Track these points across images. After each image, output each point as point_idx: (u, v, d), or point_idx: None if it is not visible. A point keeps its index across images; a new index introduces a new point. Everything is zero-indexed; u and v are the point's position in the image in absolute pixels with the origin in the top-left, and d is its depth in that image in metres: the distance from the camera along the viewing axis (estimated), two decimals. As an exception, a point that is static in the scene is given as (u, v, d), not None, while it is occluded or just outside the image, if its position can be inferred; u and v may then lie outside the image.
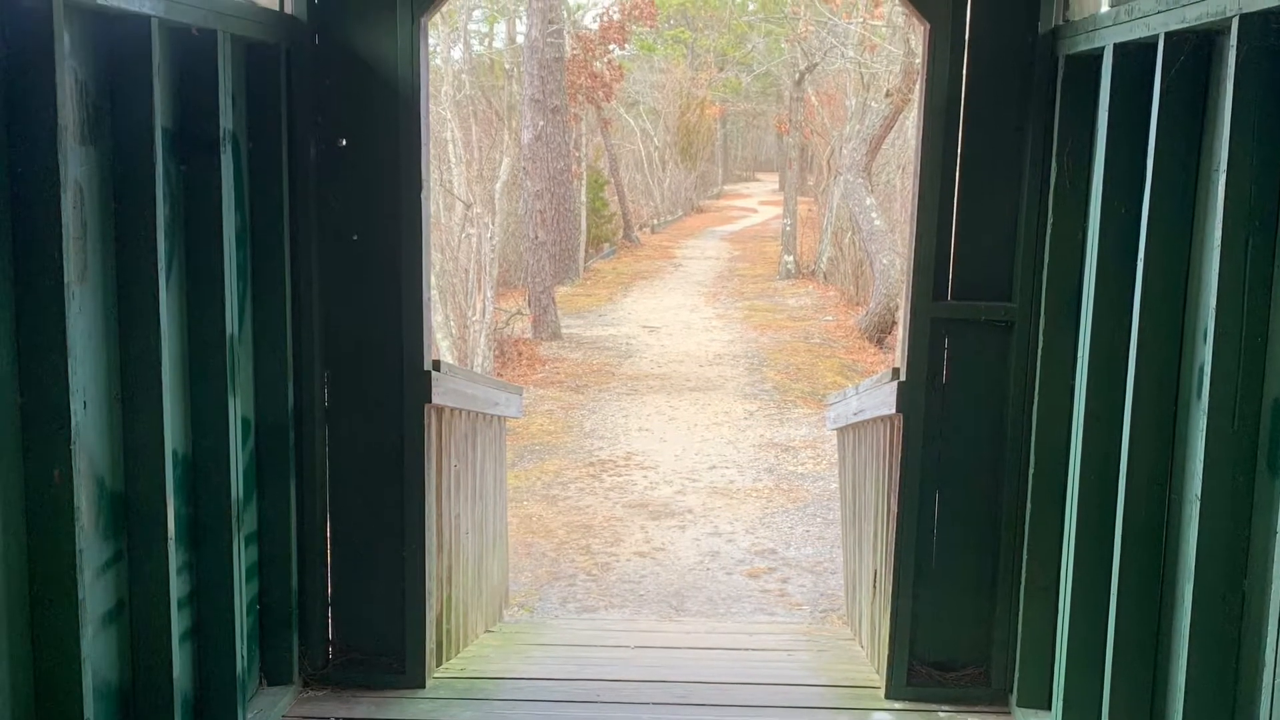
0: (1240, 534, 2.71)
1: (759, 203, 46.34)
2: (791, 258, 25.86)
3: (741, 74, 37.75)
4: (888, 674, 4.11)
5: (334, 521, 4.07)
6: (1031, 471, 3.75)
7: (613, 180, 31.90)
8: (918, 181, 3.84)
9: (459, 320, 16.00)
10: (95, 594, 2.89)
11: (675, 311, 21.18)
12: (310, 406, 3.93)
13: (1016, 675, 3.89)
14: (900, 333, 4.22)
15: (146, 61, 2.90)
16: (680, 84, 38.49)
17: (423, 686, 4.14)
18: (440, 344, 14.86)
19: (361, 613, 4.11)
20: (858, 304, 21.00)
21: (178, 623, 3.18)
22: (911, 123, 17.28)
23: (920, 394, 3.92)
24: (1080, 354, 3.44)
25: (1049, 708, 3.76)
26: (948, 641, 4.06)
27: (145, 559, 3.08)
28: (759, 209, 43.82)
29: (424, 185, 3.89)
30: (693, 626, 7.01)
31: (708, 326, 19.67)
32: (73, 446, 2.63)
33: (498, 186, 18.48)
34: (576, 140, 25.11)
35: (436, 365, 4.10)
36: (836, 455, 7.54)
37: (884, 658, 4.19)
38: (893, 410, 4.10)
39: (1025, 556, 3.82)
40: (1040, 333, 3.69)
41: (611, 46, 24.63)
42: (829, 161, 27.56)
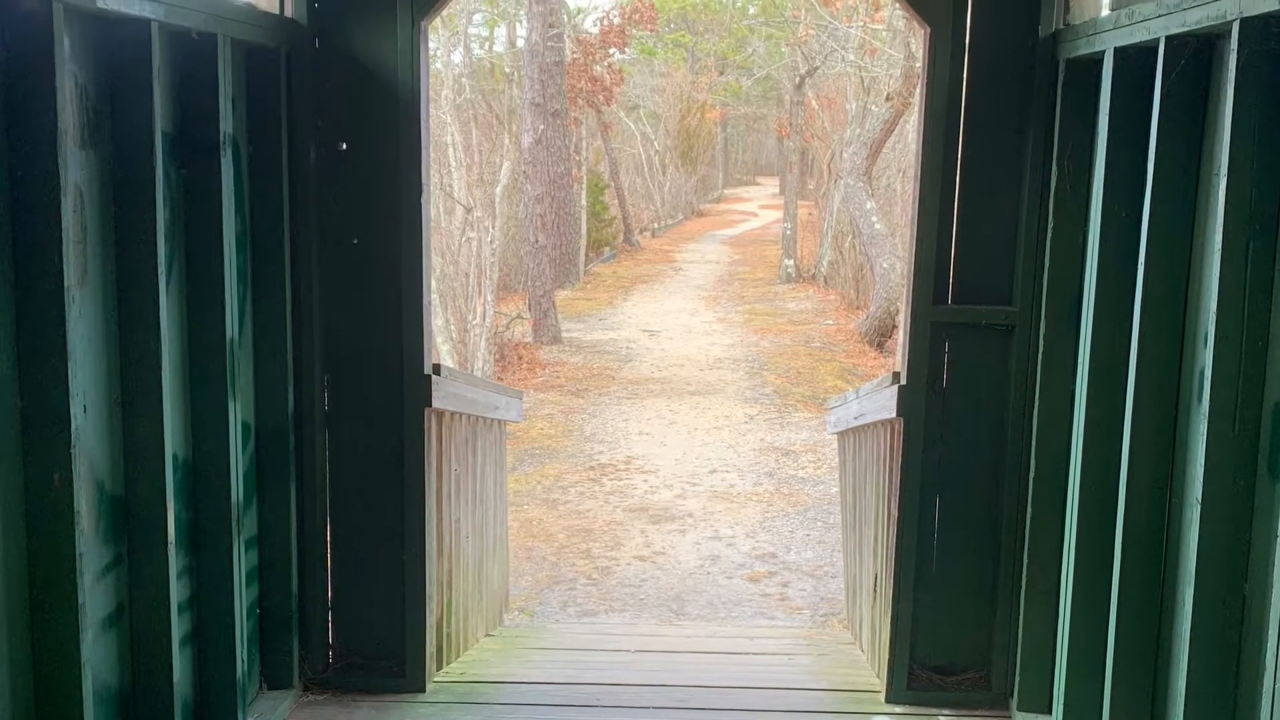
0: (1241, 538, 2.71)
1: (759, 207, 46.37)
2: (792, 262, 25.87)
3: (742, 78, 37.85)
4: (888, 678, 4.11)
5: (334, 525, 4.07)
6: (1032, 475, 3.75)
7: (613, 184, 31.92)
8: (918, 185, 3.84)
9: (459, 324, 16.00)
10: (95, 598, 2.89)
11: (675, 315, 21.18)
12: (310, 410, 3.93)
13: (1017, 679, 3.88)
14: (901, 337, 4.21)
15: (146, 65, 2.90)
16: (681, 88, 38.52)
17: (423, 690, 4.14)
18: (440, 348, 14.86)
19: (362, 617, 4.11)
20: (858, 308, 21.01)
21: (178, 627, 3.18)
22: (912, 126, 17.28)
23: (921, 398, 3.92)
24: (1081, 358, 3.44)
25: (1049, 712, 3.75)
26: (948, 646, 4.06)
27: (145, 563, 3.08)
28: (759, 213, 43.84)
29: (424, 189, 3.89)
30: (693, 631, 7.00)
31: (708, 330, 19.66)
32: (73, 450, 2.63)
33: (498, 190, 18.49)
34: (577, 144, 25.14)
35: (437, 369, 4.10)
36: (837, 459, 7.54)
37: (884, 662, 4.18)
38: (893, 414, 4.10)
39: (1026, 560, 3.82)
40: (1041, 337, 3.69)
41: (612, 50, 24.66)
42: (829, 165, 27.57)
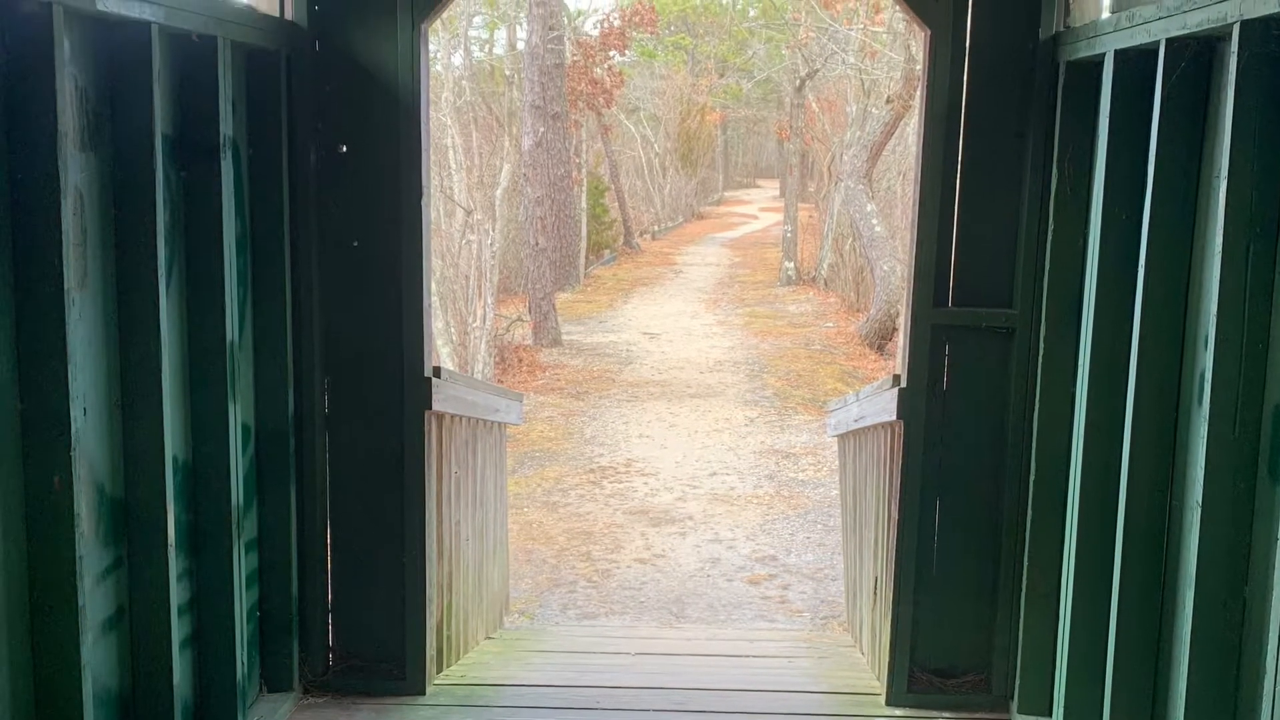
0: (1241, 540, 2.71)
1: (760, 209, 46.37)
2: (792, 264, 25.87)
3: (742, 80, 37.85)
4: (888, 681, 4.11)
5: (334, 528, 4.07)
6: (1032, 478, 3.75)
7: (613, 187, 31.92)
8: (918, 188, 3.84)
9: (459, 327, 15.99)
10: (95, 600, 2.89)
11: (676, 318, 21.17)
12: (310, 413, 3.93)
13: (1017, 682, 3.88)
14: (901, 339, 4.22)
15: (147, 68, 2.90)
16: (681, 90, 38.53)
17: (423, 693, 4.13)
18: (441, 350, 14.86)
19: (362, 619, 4.11)
20: (858, 310, 21.00)
21: (178, 629, 3.18)
22: (912, 129, 17.29)
23: (921, 400, 3.92)
24: (1081, 360, 3.44)
25: (1050, 714, 3.75)
26: (948, 648, 4.05)
27: (145, 565, 3.08)
28: (760, 215, 43.85)
29: (424, 191, 3.89)
30: (693, 633, 7.00)
31: (708, 333, 19.66)
32: (73, 453, 2.63)
33: (498, 193, 18.50)
34: (577, 147, 25.15)
35: (437, 372, 4.10)
36: (837, 462, 7.53)
37: (885, 664, 4.18)
38: (893, 417, 4.10)
39: (1026, 563, 3.82)
40: (1041, 339, 3.69)
41: (612, 53, 24.64)
42: (830, 168, 27.58)
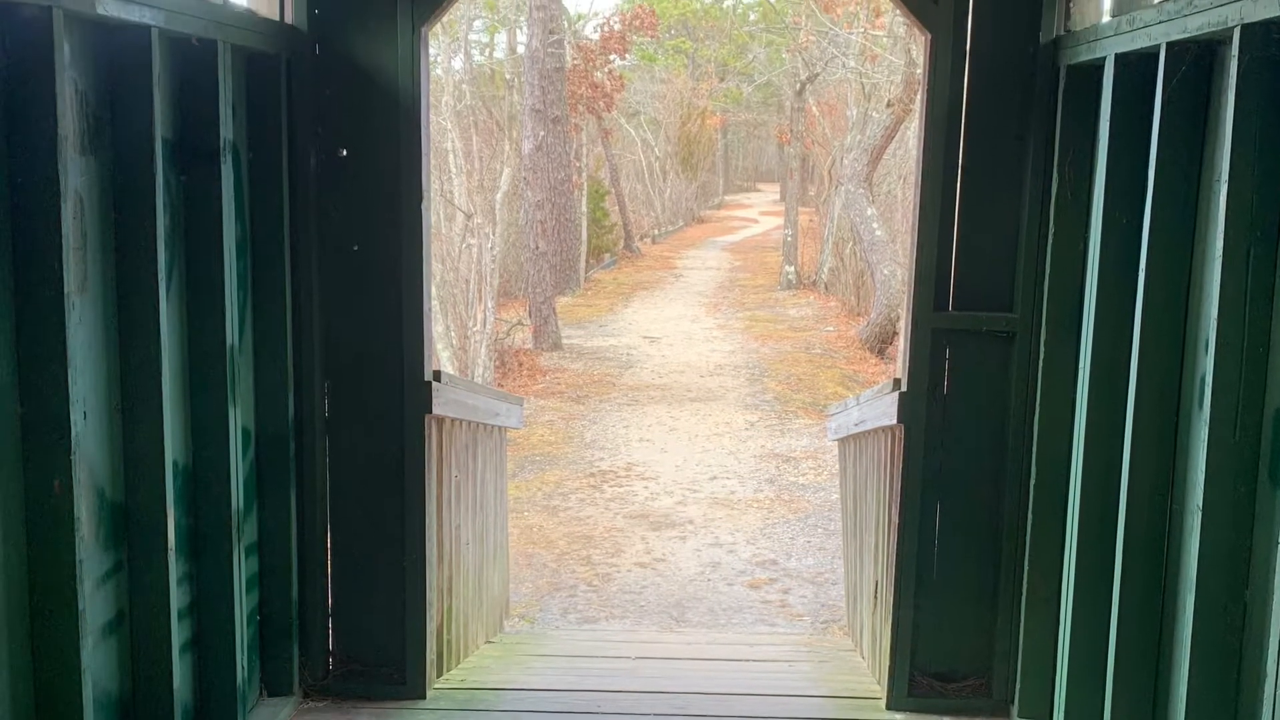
0: (1242, 544, 2.71)
1: (760, 213, 46.35)
2: (792, 268, 25.87)
3: (742, 84, 37.89)
4: (889, 685, 4.10)
5: (334, 532, 4.07)
6: (1033, 482, 3.75)
7: (613, 190, 31.93)
8: (919, 192, 3.84)
9: (460, 331, 16.00)
10: (95, 605, 2.88)
11: (676, 322, 21.17)
12: (311, 417, 3.93)
13: (1018, 686, 3.88)
14: (901, 343, 4.21)
15: (147, 72, 2.90)
16: (681, 94, 38.57)
17: (423, 697, 4.13)
18: (441, 354, 14.86)
19: (362, 623, 4.10)
20: (859, 314, 21.01)
21: (178, 633, 3.18)
22: (913, 133, 17.30)
23: (921, 404, 3.91)
24: (1081, 364, 3.44)
25: (1050, 719, 3.75)
26: (949, 652, 4.05)
27: (145, 569, 3.08)
28: (760, 219, 43.83)
29: (424, 195, 3.89)
30: (693, 637, 6.99)
31: (708, 337, 19.66)
32: (73, 457, 2.63)
33: (498, 197, 18.51)
34: (577, 150, 25.17)
35: (437, 376, 4.10)
36: (838, 466, 7.53)
37: (885, 669, 4.18)
38: (894, 421, 4.10)
39: (1027, 567, 3.82)
40: (1041, 343, 3.69)
41: (612, 56, 24.68)
42: (830, 172, 27.57)
